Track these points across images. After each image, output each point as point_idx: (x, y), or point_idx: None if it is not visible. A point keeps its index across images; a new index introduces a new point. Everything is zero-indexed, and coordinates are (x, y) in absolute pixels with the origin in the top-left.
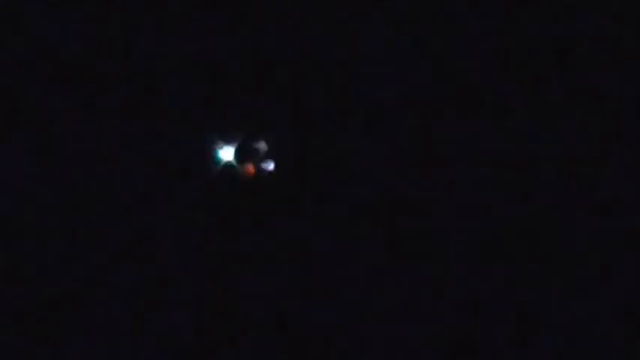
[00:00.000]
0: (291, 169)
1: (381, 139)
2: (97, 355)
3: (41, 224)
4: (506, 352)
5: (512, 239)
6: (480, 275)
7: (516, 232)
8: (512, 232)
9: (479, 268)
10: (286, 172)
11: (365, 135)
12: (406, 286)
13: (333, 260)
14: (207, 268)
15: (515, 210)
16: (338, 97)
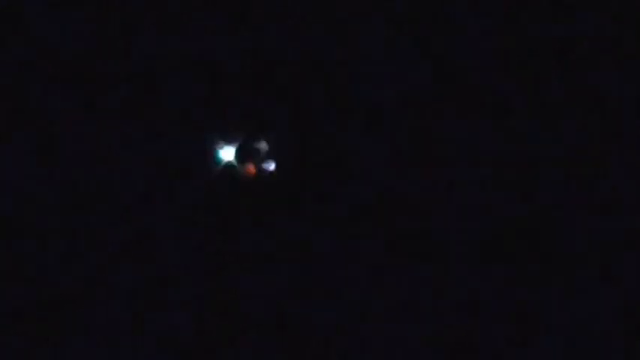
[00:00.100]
0: (291, 169)
1: (381, 139)
2: (97, 355)
3: (41, 224)
4: (506, 352)
5: (512, 239)
6: (480, 275)
7: (516, 232)
8: (512, 232)
9: (479, 268)
10: (286, 172)
11: (365, 135)
12: (406, 286)
13: (333, 260)
14: (207, 268)
15: (515, 210)
16: (338, 97)
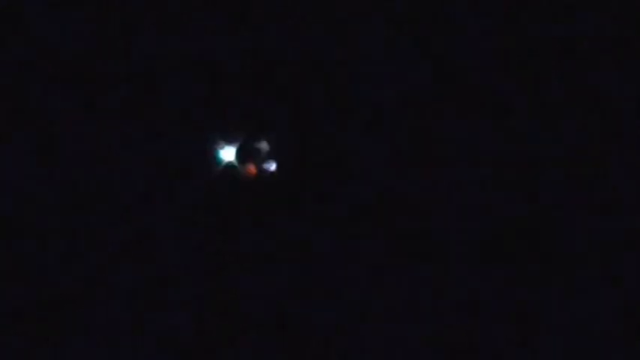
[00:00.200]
0: (291, 169)
1: (381, 139)
2: (97, 355)
3: (41, 224)
4: (506, 352)
5: (512, 239)
6: (480, 275)
7: (516, 232)
8: (512, 232)
9: (479, 268)
10: (286, 172)
11: (365, 135)
12: (406, 286)
13: (333, 260)
14: (207, 268)
15: (515, 210)
16: (338, 97)
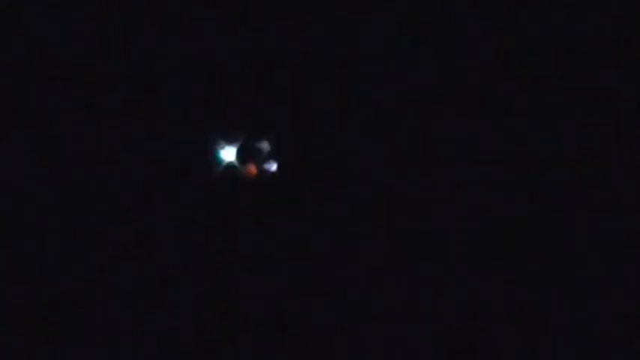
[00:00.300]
0: (292, 169)
1: (381, 139)
2: (97, 355)
3: (41, 224)
4: (507, 352)
5: (512, 239)
6: (480, 275)
7: (516, 232)
8: (512, 232)
9: (479, 268)
10: (286, 172)
11: (365, 135)
12: (406, 286)
13: (333, 260)
14: (207, 268)
15: (515, 210)
16: (338, 97)
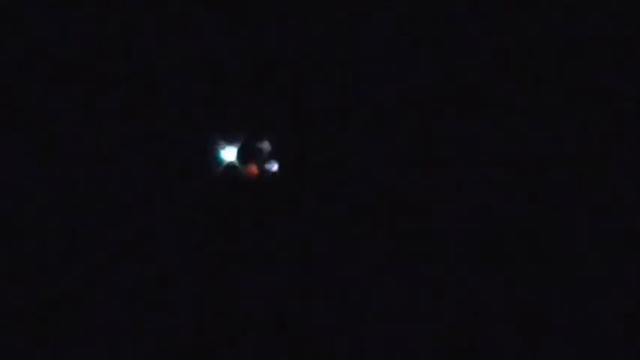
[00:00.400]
0: (291, 169)
1: (382, 139)
2: (97, 355)
3: (41, 224)
4: (507, 352)
5: (512, 239)
6: (480, 275)
7: (516, 232)
8: (512, 232)
9: (479, 268)
10: (286, 172)
11: (365, 135)
12: (406, 286)
13: (333, 260)
14: (207, 268)
15: (515, 210)
16: (338, 97)
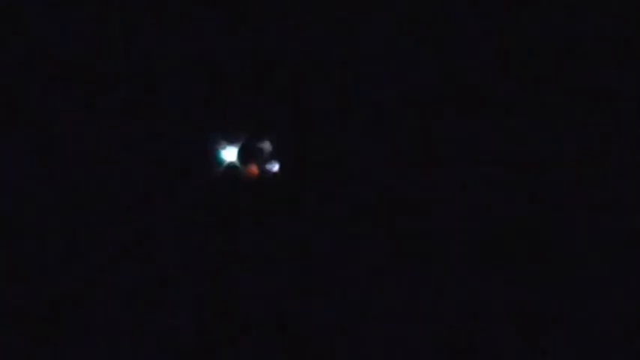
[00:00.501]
0: (291, 169)
1: (382, 139)
2: (97, 355)
3: (41, 224)
4: (506, 352)
5: (512, 239)
6: (480, 275)
7: (516, 232)
8: (512, 232)
9: (479, 268)
10: (286, 172)
11: (365, 135)
12: (406, 286)
13: (333, 260)
14: (208, 268)
15: (515, 210)
16: (338, 97)
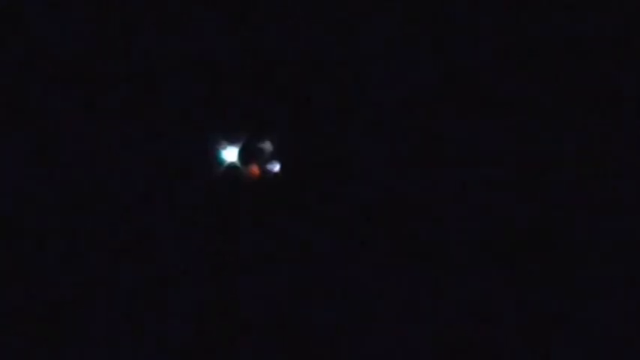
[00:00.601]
0: (292, 169)
1: (382, 139)
2: (97, 356)
3: (41, 224)
4: (506, 352)
5: (512, 239)
6: (480, 275)
7: (516, 232)
8: (513, 232)
9: (479, 268)
10: (287, 172)
11: (366, 135)
12: (406, 287)
13: (333, 260)
14: (208, 268)
15: (516, 210)
16: (338, 97)
